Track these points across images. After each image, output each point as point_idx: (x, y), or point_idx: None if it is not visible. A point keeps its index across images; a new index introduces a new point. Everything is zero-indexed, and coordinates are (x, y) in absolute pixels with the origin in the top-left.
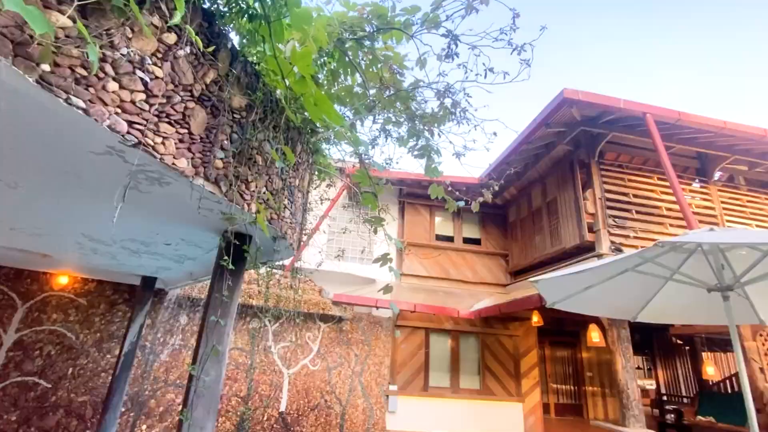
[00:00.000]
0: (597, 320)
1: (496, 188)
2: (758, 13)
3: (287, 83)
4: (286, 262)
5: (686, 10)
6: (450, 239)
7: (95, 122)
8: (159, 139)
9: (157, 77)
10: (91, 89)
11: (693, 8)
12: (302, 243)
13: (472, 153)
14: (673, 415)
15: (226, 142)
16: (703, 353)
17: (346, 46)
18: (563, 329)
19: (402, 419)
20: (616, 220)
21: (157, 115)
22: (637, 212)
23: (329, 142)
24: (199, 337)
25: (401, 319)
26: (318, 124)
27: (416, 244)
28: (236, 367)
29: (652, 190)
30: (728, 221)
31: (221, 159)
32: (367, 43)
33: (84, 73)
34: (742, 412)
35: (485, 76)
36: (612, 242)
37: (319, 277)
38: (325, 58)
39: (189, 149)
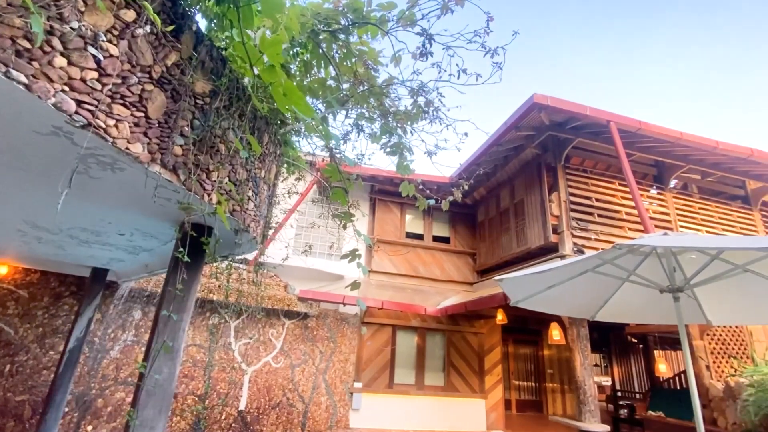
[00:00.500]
0: (558, 319)
1: (466, 188)
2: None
3: (256, 71)
4: (250, 256)
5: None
6: (420, 237)
7: (39, 99)
8: (112, 122)
9: (111, 55)
10: (35, 63)
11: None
12: (268, 237)
13: (443, 152)
14: (626, 410)
15: (186, 128)
16: (656, 351)
17: (320, 37)
18: (526, 327)
19: (366, 417)
20: (579, 222)
21: (110, 96)
22: (599, 216)
23: (299, 134)
24: (152, 332)
25: (368, 316)
26: (288, 115)
27: (386, 241)
28: (194, 364)
29: (613, 195)
30: (681, 226)
31: (181, 146)
32: (341, 36)
33: (27, 45)
34: (689, 408)
35: (458, 77)
36: (575, 244)
37: (285, 272)
38: (298, 49)
39: (145, 134)
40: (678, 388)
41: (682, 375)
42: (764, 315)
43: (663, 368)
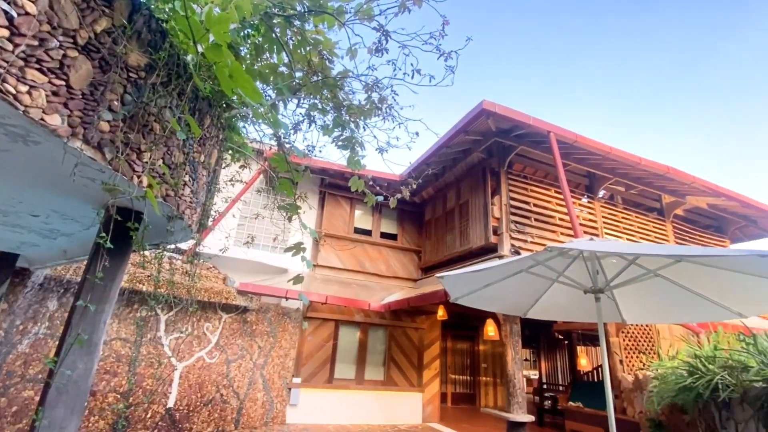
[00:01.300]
0: (494, 316)
1: (414, 186)
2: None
3: (200, 49)
4: (187, 245)
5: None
6: (368, 233)
7: None
8: (24, 88)
9: (27, 13)
10: None
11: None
12: (207, 226)
13: (394, 150)
14: (549, 402)
15: (116, 102)
16: (579, 347)
17: (274, 21)
18: (465, 323)
19: (304, 412)
20: (518, 225)
21: (24, 59)
22: (536, 220)
23: (246, 120)
24: (66, 324)
25: (312, 310)
26: (234, 99)
27: (334, 235)
28: (117, 359)
29: (549, 201)
30: (606, 233)
31: (108, 121)
32: (296, 22)
33: None
34: (604, 398)
35: (412, 77)
36: (512, 245)
37: (225, 264)
38: (250, 31)
39: (65, 105)
40: (596, 380)
41: (600, 369)
42: (670, 315)
43: (584, 362)
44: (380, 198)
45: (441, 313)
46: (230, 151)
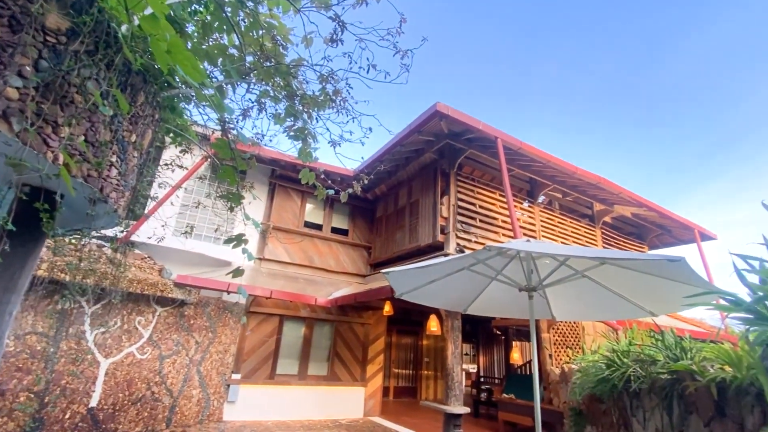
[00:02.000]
0: (437, 312)
1: (366, 182)
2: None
3: (136, 19)
4: (118, 232)
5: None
6: (319, 227)
7: None
8: None
9: None
10: None
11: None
12: (143, 213)
13: (347, 144)
14: (485, 394)
15: (28, 68)
16: (514, 342)
17: (225, 0)
18: (410, 319)
19: (243, 409)
20: (464, 225)
21: None
22: (481, 221)
23: (189, 101)
24: None
25: (256, 305)
26: (177, 78)
27: (284, 229)
28: (32, 355)
29: (494, 204)
30: (543, 236)
31: (17, 88)
32: (249, 3)
33: None
34: (533, 390)
35: (368, 71)
36: (458, 244)
37: (162, 254)
38: (198, 7)
39: None
40: (528, 374)
41: (532, 362)
42: (594, 313)
43: (517, 356)
44: (331, 192)
45: (387, 308)
46: (170, 134)
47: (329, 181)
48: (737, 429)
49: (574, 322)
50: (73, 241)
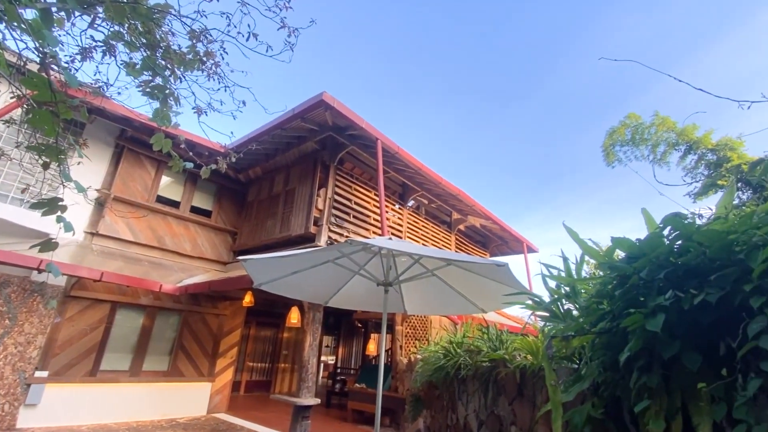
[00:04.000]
0: (300, 304)
1: (233, 159)
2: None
3: None
4: None
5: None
6: (176, 204)
7: None
8: None
9: None
10: None
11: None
12: None
13: (217, 116)
14: (339, 385)
15: None
16: (373, 334)
17: None
18: (272, 310)
19: (48, 413)
20: (338, 219)
21: None
22: (355, 217)
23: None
24: None
25: (80, 288)
26: None
27: (128, 201)
28: None
29: (368, 202)
30: (409, 236)
31: None
32: None
33: None
34: (384, 379)
35: (247, 39)
36: (329, 237)
37: None
38: None
39: None
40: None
41: (387, 353)
42: (439, 308)
43: (372, 348)
44: (190, 165)
45: (248, 299)
46: None
47: (191, 154)
48: (530, 406)
49: (424, 316)
50: None
